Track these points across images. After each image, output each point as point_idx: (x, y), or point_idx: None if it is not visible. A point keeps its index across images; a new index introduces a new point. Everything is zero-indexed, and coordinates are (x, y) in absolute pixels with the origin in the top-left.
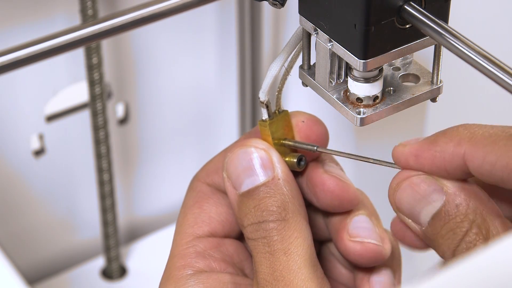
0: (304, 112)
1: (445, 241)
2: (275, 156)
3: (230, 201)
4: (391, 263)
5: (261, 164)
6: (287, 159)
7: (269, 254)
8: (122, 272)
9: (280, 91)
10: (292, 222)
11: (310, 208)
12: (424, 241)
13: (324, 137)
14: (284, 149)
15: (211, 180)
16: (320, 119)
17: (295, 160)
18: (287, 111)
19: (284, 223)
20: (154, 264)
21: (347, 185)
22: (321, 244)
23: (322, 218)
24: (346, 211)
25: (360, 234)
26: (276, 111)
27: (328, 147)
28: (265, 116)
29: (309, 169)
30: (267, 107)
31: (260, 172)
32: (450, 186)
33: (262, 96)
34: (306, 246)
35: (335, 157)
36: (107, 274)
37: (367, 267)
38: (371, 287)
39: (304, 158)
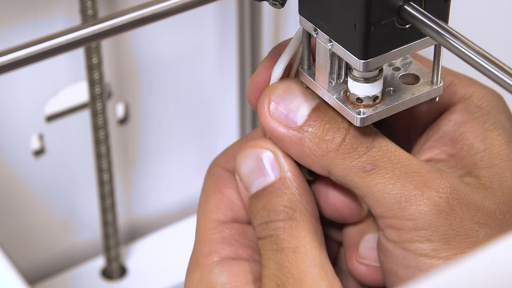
0: None
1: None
2: (281, 155)
3: (244, 203)
4: None
5: (269, 164)
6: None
7: (277, 251)
8: (122, 272)
9: None
10: (300, 220)
11: None
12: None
13: None
14: None
15: (230, 166)
16: None
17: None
18: None
19: (291, 222)
20: (154, 264)
21: (349, 202)
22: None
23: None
24: (360, 222)
25: (368, 256)
26: None
27: None
28: None
29: (319, 177)
30: None
31: (268, 172)
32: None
33: None
34: (316, 245)
35: None
36: (107, 274)
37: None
38: None
39: None
